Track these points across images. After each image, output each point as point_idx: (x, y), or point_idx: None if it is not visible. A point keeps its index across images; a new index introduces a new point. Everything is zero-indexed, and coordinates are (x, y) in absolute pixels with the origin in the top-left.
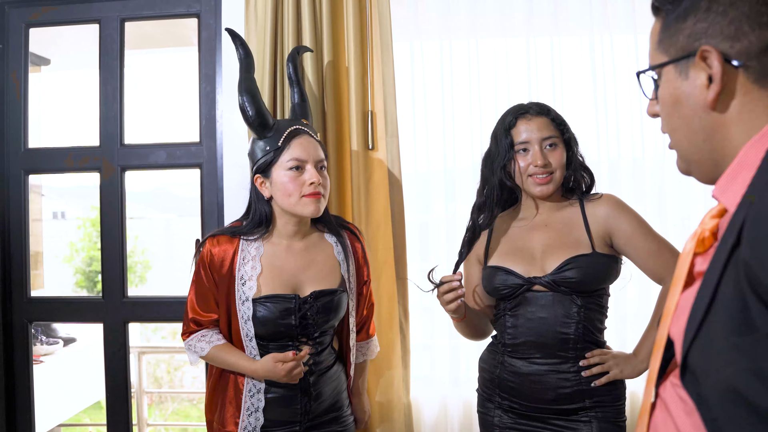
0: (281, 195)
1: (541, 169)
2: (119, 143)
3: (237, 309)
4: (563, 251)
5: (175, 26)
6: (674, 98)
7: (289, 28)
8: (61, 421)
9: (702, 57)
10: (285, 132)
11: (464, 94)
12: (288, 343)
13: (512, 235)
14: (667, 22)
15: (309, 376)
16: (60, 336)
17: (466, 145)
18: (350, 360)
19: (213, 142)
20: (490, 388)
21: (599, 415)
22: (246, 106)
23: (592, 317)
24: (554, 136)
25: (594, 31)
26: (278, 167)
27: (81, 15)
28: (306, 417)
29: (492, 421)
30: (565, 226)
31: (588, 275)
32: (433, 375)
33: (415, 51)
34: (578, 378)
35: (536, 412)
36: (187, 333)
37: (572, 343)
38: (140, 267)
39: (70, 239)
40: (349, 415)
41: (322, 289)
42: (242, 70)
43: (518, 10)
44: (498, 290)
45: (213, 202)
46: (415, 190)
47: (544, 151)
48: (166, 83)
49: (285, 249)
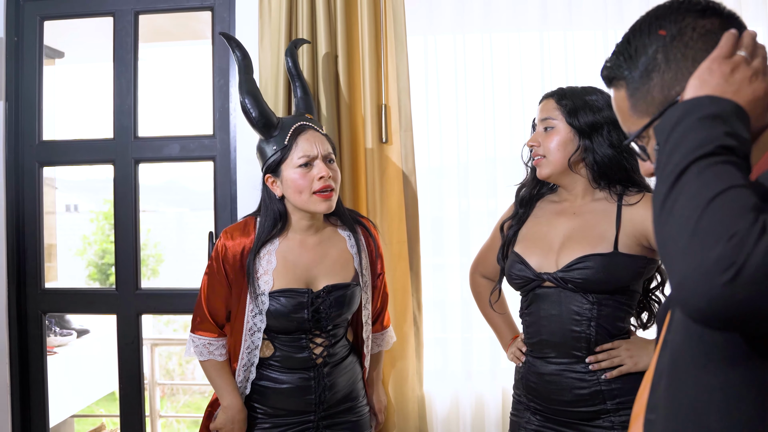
0: (292, 192)
1: (534, 151)
2: (133, 136)
3: (246, 302)
4: (582, 246)
5: (189, 19)
6: None
7: (304, 21)
8: (74, 411)
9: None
10: (290, 129)
11: (478, 88)
12: (301, 335)
13: (540, 218)
14: (633, 87)
15: (323, 367)
16: (73, 327)
17: (480, 139)
18: (365, 351)
19: (226, 135)
20: (519, 389)
21: (623, 419)
22: (249, 108)
23: (610, 315)
24: (551, 118)
25: (608, 25)
26: (287, 165)
27: (95, 8)
28: (320, 407)
29: (520, 423)
30: (594, 217)
31: (599, 276)
32: (446, 369)
33: (428, 45)
34: (595, 378)
35: (558, 414)
36: (197, 329)
37: (585, 341)
38: (153, 260)
39: (83, 232)
40: (364, 406)
41: (335, 283)
42: (241, 72)
43: (532, 5)
44: (513, 280)
45: (226, 195)
46: (429, 185)
47: (540, 133)
48: (180, 76)
49: (299, 244)
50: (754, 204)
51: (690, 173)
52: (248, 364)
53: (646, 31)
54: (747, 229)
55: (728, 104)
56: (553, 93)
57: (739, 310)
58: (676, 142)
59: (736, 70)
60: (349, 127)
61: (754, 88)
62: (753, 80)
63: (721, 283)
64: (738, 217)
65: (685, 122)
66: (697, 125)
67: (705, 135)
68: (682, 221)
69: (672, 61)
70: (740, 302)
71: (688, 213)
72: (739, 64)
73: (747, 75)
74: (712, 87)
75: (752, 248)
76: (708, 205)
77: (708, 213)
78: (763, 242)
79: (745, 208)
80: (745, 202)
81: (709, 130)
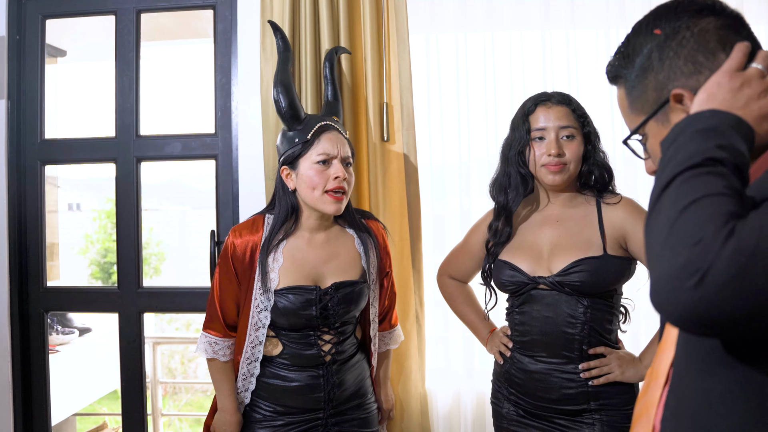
0: (305, 188)
1: (555, 159)
2: (135, 134)
3: (253, 298)
4: (572, 251)
5: (191, 18)
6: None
7: (307, 20)
8: (76, 410)
9: (676, 100)
10: (315, 126)
11: (480, 87)
12: (309, 332)
13: (523, 227)
14: (630, 85)
15: (332, 365)
16: (75, 326)
17: (481, 138)
18: (372, 349)
19: (228, 133)
20: (500, 381)
21: (605, 419)
22: (280, 98)
23: (600, 318)
24: (572, 126)
25: (610, 24)
26: (305, 160)
27: (97, 6)
28: (329, 404)
29: (501, 413)
30: (578, 223)
31: (594, 279)
32: (448, 367)
33: (430, 44)
34: (583, 379)
35: (540, 410)
36: (206, 327)
37: (578, 343)
38: (155, 259)
39: (85, 231)
40: (372, 403)
41: (342, 281)
42: (280, 61)
43: (534, 4)
44: (504, 285)
45: (228, 194)
46: (430, 183)
47: (560, 141)
48: (182, 75)
49: (307, 241)
50: (728, 211)
51: (674, 184)
52: (252, 358)
53: (643, 31)
54: (713, 235)
55: (728, 117)
56: (564, 100)
57: (709, 315)
58: (672, 155)
59: (746, 84)
60: (352, 126)
61: (761, 105)
62: (763, 96)
63: (687, 288)
64: (705, 224)
65: (682, 136)
66: (692, 138)
67: (695, 147)
68: (658, 230)
69: (666, 59)
70: (709, 307)
71: (663, 222)
72: (751, 78)
73: (757, 90)
74: (718, 101)
75: (717, 253)
76: (680, 214)
77: (679, 221)
78: (728, 247)
79: (715, 215)
80: (716, 210)
81: (701, 143)
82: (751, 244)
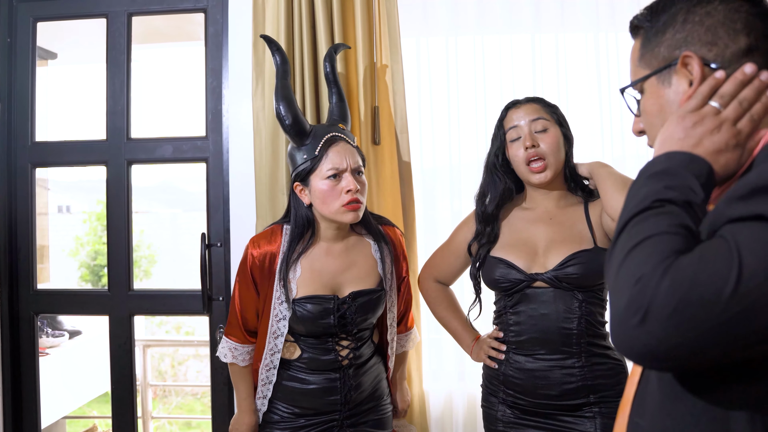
0: (320, 203)
1: (533, 152)
2: (126, 137)
3: (272, 308)
4: (566, 246)
5: (182, 21)
6: (658, 107)
7: (303, 23)
8: (66, 413)
9: (684, 63)
10: (322, 140)
11: (470, 90)
12: (327, 339)
13: (516, 226)
14: (647, 38)
15: (349, 369)
16: (65, 329)
17: (472, 141)
18: (389, 353)
19: (219, 136)
20: (495, 384)
21: (603, 411)
22: (283, 114)
23: (593, 311)
24: (544, 118)
25: (600, 28)
26: (316, 176)
27: (88, 9)
28: (346, 406)
29: (495, 416)
30: (569, 219)
31: (590, 270)
32: (440, 369)
33: (421, 47)
34: (583, 373)
35: (541, 408)
36: (227, 333)
37: (575, 338)
38: (145, 261)
39: (75, 233)
40: (388, 404)
41: (360, 290)
42: (278, 77)
43: (525, 7)
44: (498, 282)
45: (219, 196)
46: (421, 186)
47: (534, 135)
48: (173, 78)
49: (325, 251)
50: (669, 249)
51: (625, 230)
52: (270, 365)
53: None
54: (650, 272)
55: (681, 157)
56: (533, 99)
57: (659, 350)
58: (626, 203)
59: (698, 123)
60: None
61: (714, 141)
62: (715, 132)
63: (632, 326)
64: (645, 263)
65: (637, 182)
66: (645, 183)
67: (646, 191)
68: (610, 274)
69: (689, 22)
70: (657, 342)
71: (614, 266)
72: (704, 116)
73: (709, 127)
74: (674, 142)
75: (654, 289)
76: (626, 257)
77: (625, 263)
78: (664, 282)
79: (654, 253)
80: (656, 248)
81: (651, 186)
82: (688, 276)
